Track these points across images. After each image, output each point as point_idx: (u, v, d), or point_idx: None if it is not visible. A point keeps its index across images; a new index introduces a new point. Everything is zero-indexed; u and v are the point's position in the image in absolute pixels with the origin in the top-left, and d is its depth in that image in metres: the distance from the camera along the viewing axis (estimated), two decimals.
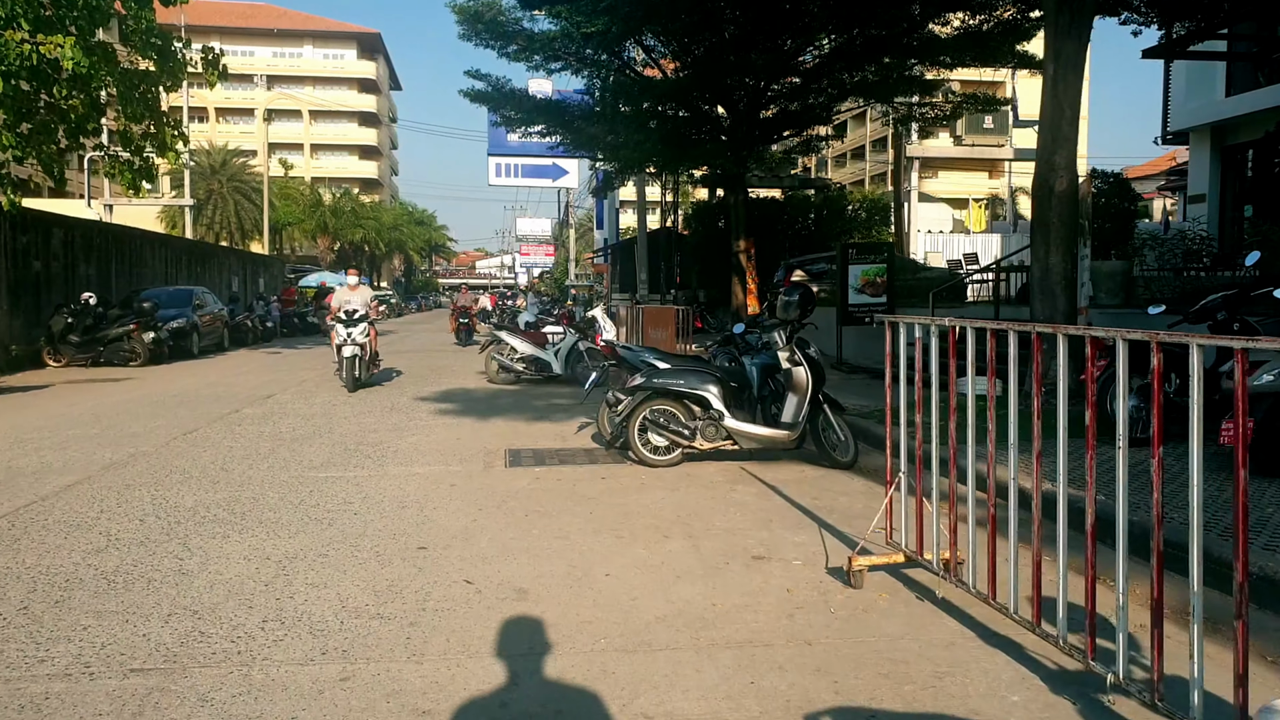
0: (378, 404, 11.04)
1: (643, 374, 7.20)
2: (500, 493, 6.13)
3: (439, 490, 6.21)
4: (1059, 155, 8.51)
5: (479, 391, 12.68)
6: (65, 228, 18.93)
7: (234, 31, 72.68)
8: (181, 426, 9.14)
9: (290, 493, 6.09)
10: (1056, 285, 8.57)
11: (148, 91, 15.56)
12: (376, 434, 8.71)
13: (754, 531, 5.15)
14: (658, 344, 10.54)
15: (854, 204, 28.31)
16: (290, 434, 8.66)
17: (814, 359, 7.14)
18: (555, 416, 10.15)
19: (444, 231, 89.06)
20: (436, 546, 4.83)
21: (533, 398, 12.00)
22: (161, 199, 40.84)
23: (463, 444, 8.19)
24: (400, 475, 6.72)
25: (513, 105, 19.31)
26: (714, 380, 7.10)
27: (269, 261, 39.42)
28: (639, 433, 7.10)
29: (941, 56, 17.63)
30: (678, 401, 7.11)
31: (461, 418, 9.97)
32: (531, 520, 5.39)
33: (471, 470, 6.95)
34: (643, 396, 7.14)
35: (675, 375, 7.13)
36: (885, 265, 14.75)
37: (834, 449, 7.19)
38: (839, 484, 6.59)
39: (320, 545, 4.85)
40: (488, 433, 8.92)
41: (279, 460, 7.28)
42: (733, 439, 7.06)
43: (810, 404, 7.06)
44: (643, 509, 5.69)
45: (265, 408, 10.70)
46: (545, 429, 9.19)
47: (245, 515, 5.48)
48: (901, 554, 4.25)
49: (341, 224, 58.33)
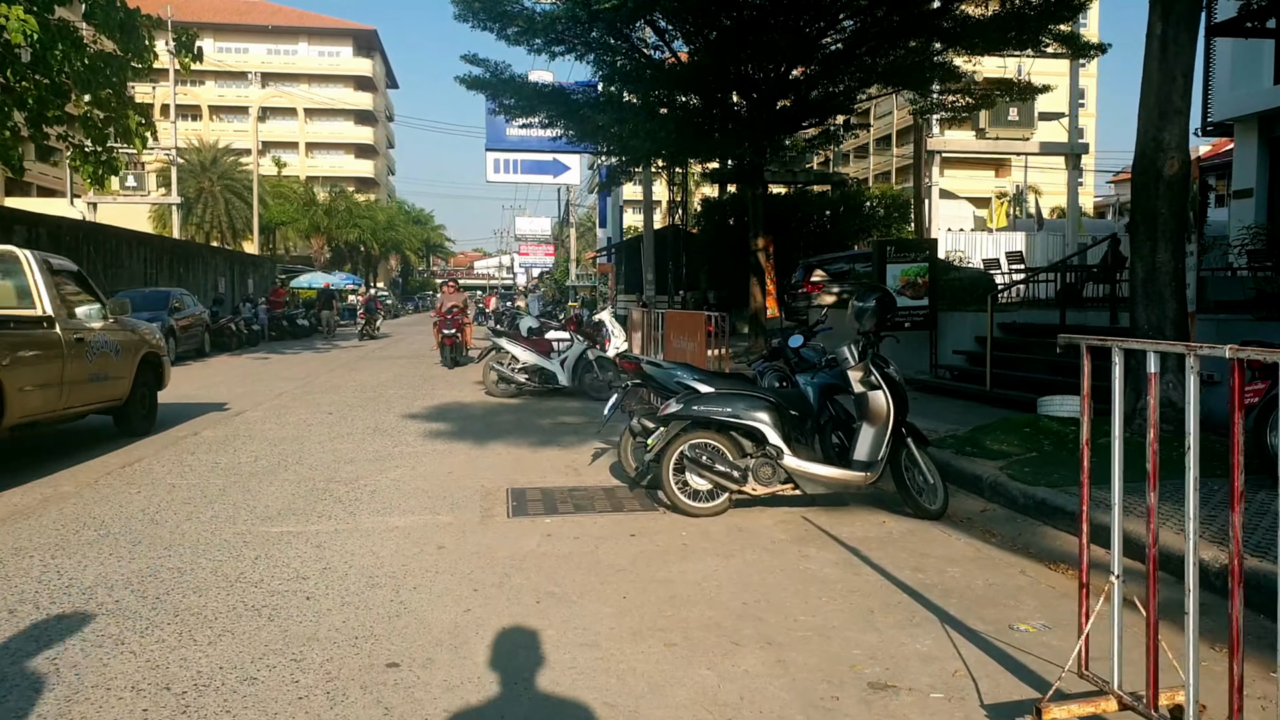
0: (360, 425, 9.60)
1: (679, 399, 5.77)
2: (502, 560, 4.70)
3: (422, 556, 4.77)
4: (1168, 133, 7.08)
5: (476, 407, 11.25)
6: (28, 224, 17.49)
7: (228, 28, 71.33)
8: (121, 456, 7.69)
9: (229, 560, 4.65)
10: (1165, 287, 7.14)
11: (112, 75, 14.12)
12: (353, 466, 7.27)
13: (855, 632, 3.72)
14: (683, 356, 9.08)
15: (872, 200, 26.92)
16: (250, 466, 7.21)
17: (895, 380, 5.71)
18: (564, 439, 8.72)
19: (441, 231, 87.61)
20: (413, 663, 3.40)
21: (537, 414, 10.57)
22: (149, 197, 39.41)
23: (455, 480, 6.75)
24: (374, 530, 5.28)
25: (512, 92, 17.85)
26: (769, 408, 5.67)
27: (259, 262, 37.98)
28: (674, 473, 5.68)
29: (975, 40, 16.20)
30: (723, 435, 5.68)
31: (455, 442, 8.53)
32: (545, 611, 3.96)
33: (465, 522, 5.51)
34: (680, 428, 5.72)
35: (720, 401, 5.69)
36: (927, 264, 13.32)
37: (920, 493, 5.76)
38: (938, 544, 5.15)
39: (248, 661, 3.42)
40: (486, 463, 7.48)
41: (227, 507, 5.84)
42: (794, 482, 5.63)
43: (892, 437, 5.64)
44: (693, 590, 4.26)
45: (229, 428, 9.26)
46: (553, 457, 7.75)
47: (158, 602, 4.04)
48: (1113, 698, 2.81)
49: (336, 223, 56.85)
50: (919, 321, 13.46)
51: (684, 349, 9.30)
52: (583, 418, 10.28)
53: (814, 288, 20.20)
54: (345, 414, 10.41)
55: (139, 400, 8.87)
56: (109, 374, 8.24)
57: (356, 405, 11.23)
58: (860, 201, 26.57)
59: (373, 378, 14.95)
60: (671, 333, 10.25)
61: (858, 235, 26.23)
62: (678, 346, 9.68)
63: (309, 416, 10.19)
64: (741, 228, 23.94)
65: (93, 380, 7.97)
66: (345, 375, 15.48)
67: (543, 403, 11.70)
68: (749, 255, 18.12)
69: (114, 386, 8.37)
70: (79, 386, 7.70)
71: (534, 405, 11.44)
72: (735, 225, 25.00)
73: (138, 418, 8.85)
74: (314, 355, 20.66)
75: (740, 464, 5.60)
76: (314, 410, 10.72)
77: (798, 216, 25.27)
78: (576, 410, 10.95)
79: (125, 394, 8.58)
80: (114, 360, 8.32)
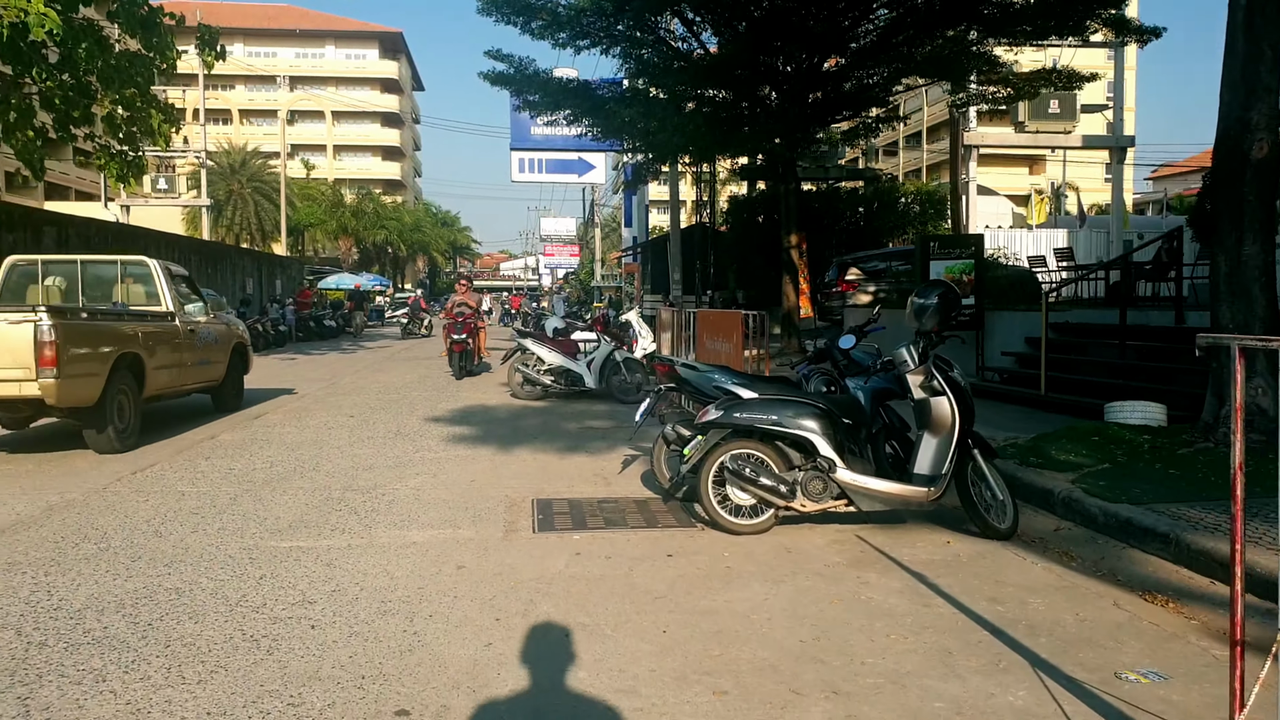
0: (381, 428, 9.21)
1: (718, 405, 5.28)
2: (527, 583, 4.24)
3: (440, 577, 4.33)
4: (1256, 112, 6.49)
5: (501, 409, 10.84)
6: (58, 225, 17.32)
7: (257, 33, 71.85)
8: (135, 460, 7.35)
9: (231, 580, 4.24)
10: (1253, 282, 6.55)
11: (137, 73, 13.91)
12: (372, 473, 6.87)
13: (935, 680, 3.22)
14: (717, 358, 8.58)
15: (907, 196, 26.22)
16: (265, 473, 6.83)
17: (959, 385, 5.20)
18: (592, 445, 8.27)
19: (468, 233, 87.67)
20: (425, 711, 2.95)
21: (563, 418, 10.13)
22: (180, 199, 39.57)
23: (478, 489, 6.32)
24: (390, 546, 4.85)
25: (536, 88, 17.47)
26: (819, 415, 5.17)
27: (287, 263, 37.96)
28: (714, 486, 5.20)
29: (1018, 27, 15.55)
30: (768, 445, 5.19)
31: (479, 447, 8.11)
32: (576, 647, 3.50)
33: (488, 537, 5.07)
34: (720, 437, 5.24)
35: (765, 408, 5.20)
36: (973, 261, 12.73)
37: (987, 510, 5.23)
38: (1013, 569, 4.63)
39: (239, 705, 2.99)
40: (510, 470, 7.05)
41: (236, 518, 5.44)
42: (847, 497, 5.13)
43: (957, 448, 5.12)
44: (742, 623, 3.78)
45: (248, 432, 8.91)
46: (581, 465, 7.30)
47: (149, 630, 3.63)
48: None
49: (363, 225, 56.92)
50: (965, 321, 12.83)
51: (718, 350, 8.78)
52: (610, 421, 9.83)
53: (848, 286, 19.61)
54: (367, 417, 10.03)
55: (231, 382, 10.61)
56: (210, 359, 9.91)
57: (379, 408, 10.86)
58: (895, 198, 25.89)
59: (397, 379, 14.62)
60: (704, 333, 9.72)
61: (892, 233, 25.58)
62: (711, 348, 9.16)
63: (330, 419, 9.83)
64: (771, 226, 23.40)
65: (199, 364, 9.62)
66: (370, 376, 15.16)
67: (569, 405, 11.27)
68: (781, 253, 17.60)
69: (214, 370, 10.05)
70: (190, 369, 9.41)
71: (560, 408, 11.01)
72: (764, 223, 24.45)
73: (230, 396, 10.58)
74: (340, 356, 20.41)
75: (788, 477, 5.11)
76: (335, 413, 10.36)
77: (830, 214, 24.67)
78: (604, 414, 10.50)
79: (221, 376, 10.27)
80: (214, 348, 9.97)
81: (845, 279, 19.75)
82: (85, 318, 7.74)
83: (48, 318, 7.01)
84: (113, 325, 8.03)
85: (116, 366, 7.73)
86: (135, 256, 9.69)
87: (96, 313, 8.12)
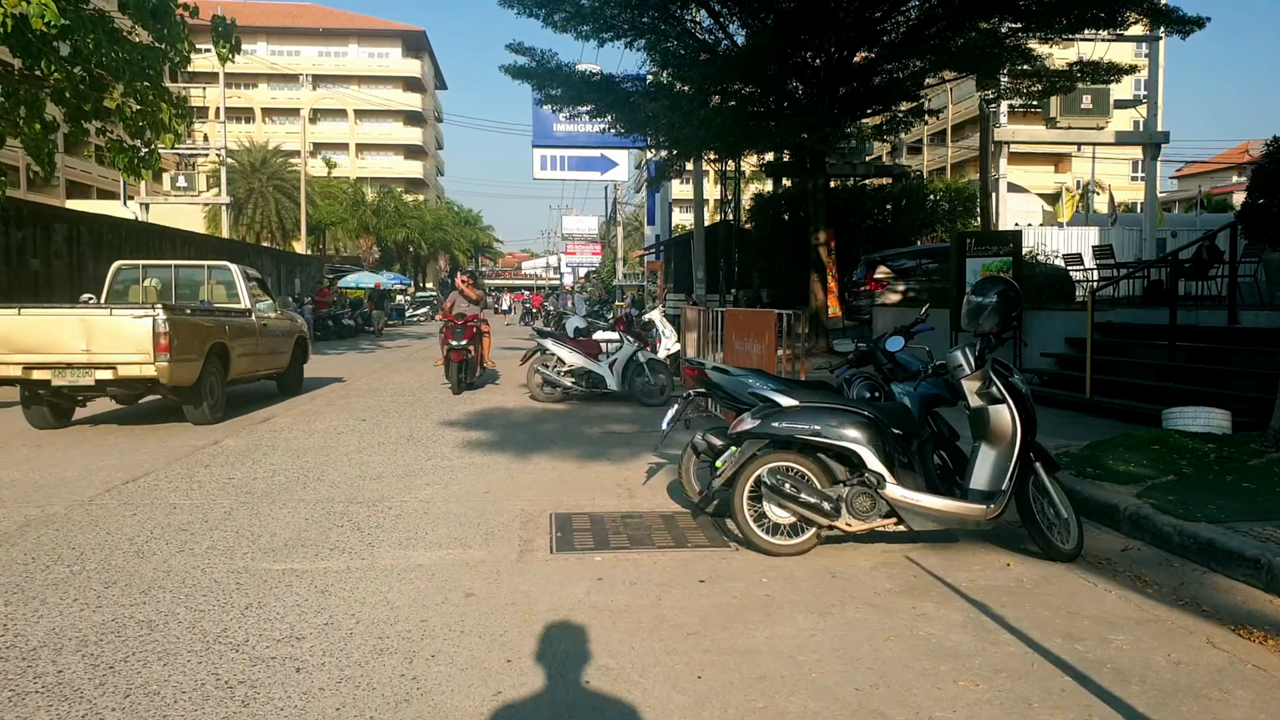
0: (394, 433, 8.81)
1: (754, 414, 4.81)
2: (543, 615, 3.79)
3: (446, 607, 3.89)
4: None
5: (519, 413, 10.41)
6: (69, 222, 17.13)
7: (280, 31, 72.15)
8: (130, 467, 6.97)
9: (213, 610, 3.82)
10: None
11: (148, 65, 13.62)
12: (379, 483, 6.45)
13: None
14: (748, 360, 8.09)
15: (935, 194, 25.56)
16: (266, 483, 6.44)
17: (1020, 392, 4.69)
18: (614, 452, 7.82)
19: (490, 232, 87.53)
20: None
21: (584, 422, 9.69)
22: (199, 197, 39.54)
23: (493, 501, 5.89)
24: (393, 569, 4.42)
25: (559, 82, 17.02)
26: (866, 425, 4.68)
27: (306, 261, 37.86)
28: (750, 502, 4.73)
29: (1055, 18, 14.91)
30: (810, 457, 4.71)
31: (494, 454, 7.68)
32: (598, 697, 3.04)
33: (501, 558, 4.63)
34: (756, 448, 4.76)
35: (806, 417, 4.71)
36: (1011, 259, 12.17)
37: (1050, 528, 4.73)
38: (1085, 598, 4.13)
39: None
40: (527, 480, 6.61)
41: (228, 535, 5.03)
42: (897, 515, 4.64)
43: (1018, 461, 4.62)
44: (787, 666, 3.31)
45: (254, 437, 8.53)
46: (603, 474, 6.85)
47: (110, 673, 3.21)
48: None
49: (384, 223, 56.82)
50: None
51: (748, 352, 8.28)
52: (633, 425, 9.37)
53: (877, 285, 19.06)
54: (379, 420, 9.64)
55: (294, 370, 12.06)
56: (278, 350, 11.36)
57: (392, 410, 10.47)
58: (923, 195, 25.22)
59: (414, 379, 14.25)
60: (732, 334, 9.19)
61: (920, 231, 24.92)
62: (740, 349, 8.65)
63: (340, 423, 9.44)
64: (797, 223, 22.85)
65: (270, 354, 11.08)
66: (386, 377, 14.80)
67: (590, 408, 10.83)
68: (809, 251, 17.07)
69: (280, 359, 11.50)
70: (263, 357, 10.85)
71: (581, 411, 10.57)
72: (790, 221, 23.90)
73: (292, 382, 12.08)
74: (358, 356, 20.10)
75: (831, 493, 4.63)
76: (346, 416, 9.98)
77: (856, 211, 24.05)
78: (627, 417, 10.05)
79: (286, 365, 11.72)
80: (281, 340, 11.44)
81: (874, 278, 19.20)
82: (188, 314, 9.13)
83: (162, 314, 8.43)
84: (206, 320, 9.41)
85: (209, 354, 9.19)
86: (219, 262, 11.49)
87: (195, 309, 9.63)
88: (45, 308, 8.83)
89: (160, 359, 8.36)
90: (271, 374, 11.45)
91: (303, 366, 12.41)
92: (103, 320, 8.44)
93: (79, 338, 8.33)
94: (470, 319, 12.27)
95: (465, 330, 12.11)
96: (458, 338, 11.98)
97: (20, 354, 8.28)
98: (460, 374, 12.08)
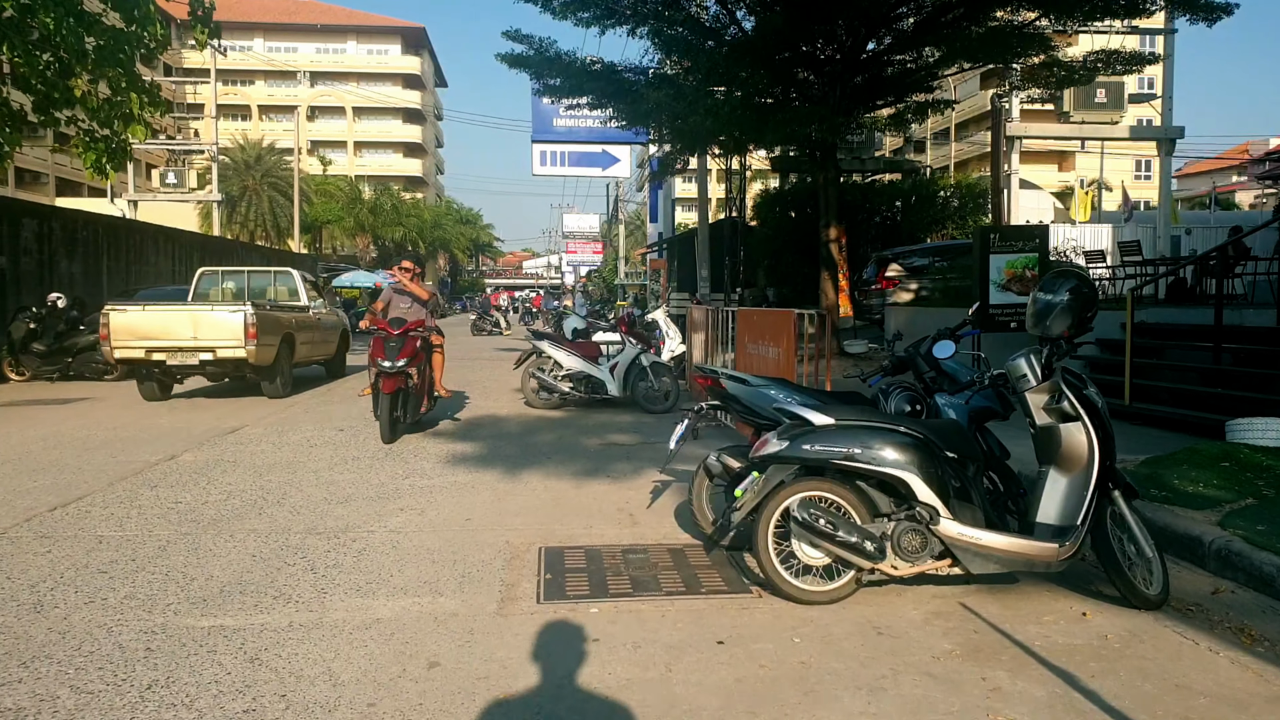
0: (372, 445, 8.04)
1: (782, 434, 4.03)
2: (522, 695, 3.01)
3: (402, 683, 3.11)
4: None
5: (511, 421, 9.64)
6: (39, 218, 16.34)
7: (277, 28, 71.45)
8: (66, 489, 6.19)
9: (107, 690, 3.04)
10: None
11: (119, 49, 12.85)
12: (346, 508, 5.68)
13: None
14: (764, 367, 7.30)
15: (946, 190, 24.80)
16: (217, 508, 5.66)
17: (1096, 406, 3.92)
18: (615, 467, 7.05)
19: (490, 231, 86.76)
20: None
21: (582, 431, 8.92)
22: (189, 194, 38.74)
23: (473, 532, 5.11)
24: (344, 626, 3.64)
25: (558, 71, 16.20)
26: (915, 447, 3.90)
27: (299, 259, 37.04)
28: (776, 539, 3.95)
29: (1074, 6, 14.13)
30: (848, 486, 3.94)
31: (481, 470, 6.91)
32: None
33: (476, 610, 3.85)
34: (784, 475, 3.99)
35: (844, 438, 3.93)
36: (1037, 255, 11.37)
37: (1130, 567, 3.95)
38: (1190, 662, 3.35)
39: None
40: (515, 503, 5.84)
41: (155, 577, 4.25)
42: (952, 555, 3.87)
43: (1096, 489, 3.85)
44: None
45: (216, 450, 7.76)
46: (602, 495, 6.08)
47: None
48: None
49: (380, 222, 56.02)
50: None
51: (763, 356, 7.48)
52: (636, 436, 8.60)
53: (889, 284, 18.29)
54: (358, 430, 8.87)
55: (339, 357, 14.33)
56: (328, 340, 13.59)
57: (374, 419, 9.68)
58: (933, 192, 24.44)
59: None
60: (745, 336, 8.36)
61: (930, 228, 24.14)
62: (754, 353, 7.84)
63: (315, 434, 8.67)
64: (804, 220, 22.08)
65: (323, 343, 13.26)
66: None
67: (589, 416, 10.06)
68: (819, 248, 16.28)
69: (330, 347, 13.79)
70: (317, 345, 12.99)
71: (579, 419, 9.80)
72: (797, 218, 23.13)
73: (337, 368, 14.30)
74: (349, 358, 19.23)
75: (874, 529, 3.86)
76: (323, 426, 9.21)
77: (865, 208, 23.27)
78: (628, 426, 9.28)
79: (334, 353, 14.02)
80: (330, 332, 13.71)
81: (885, 276, 18.43)
82: (268, 309, 11.24)
83: (251, 309, 10.65)
84: (278, 314, 11.56)
85: (282, 341, 11.30)
86: (284, 269, 14.01)
87: (271, 306, 11.78)
88: (163, 305, 11.42)
89: (249, 344, 10.58)
90: (323, 360, 13.67)
91: (345, 355, 14.65)
92: (206, 314, 10.82)
93: (188, 327, 10.64)
94: (411, 326, 8.37)
95: (404, 346, 8.13)
96: (390, 356, 8.03)
97: (142, 340, 10.58)
98: (396, 410, 8.20)
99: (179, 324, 10.63)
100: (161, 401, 11.02)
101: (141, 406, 10.74)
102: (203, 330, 10.60)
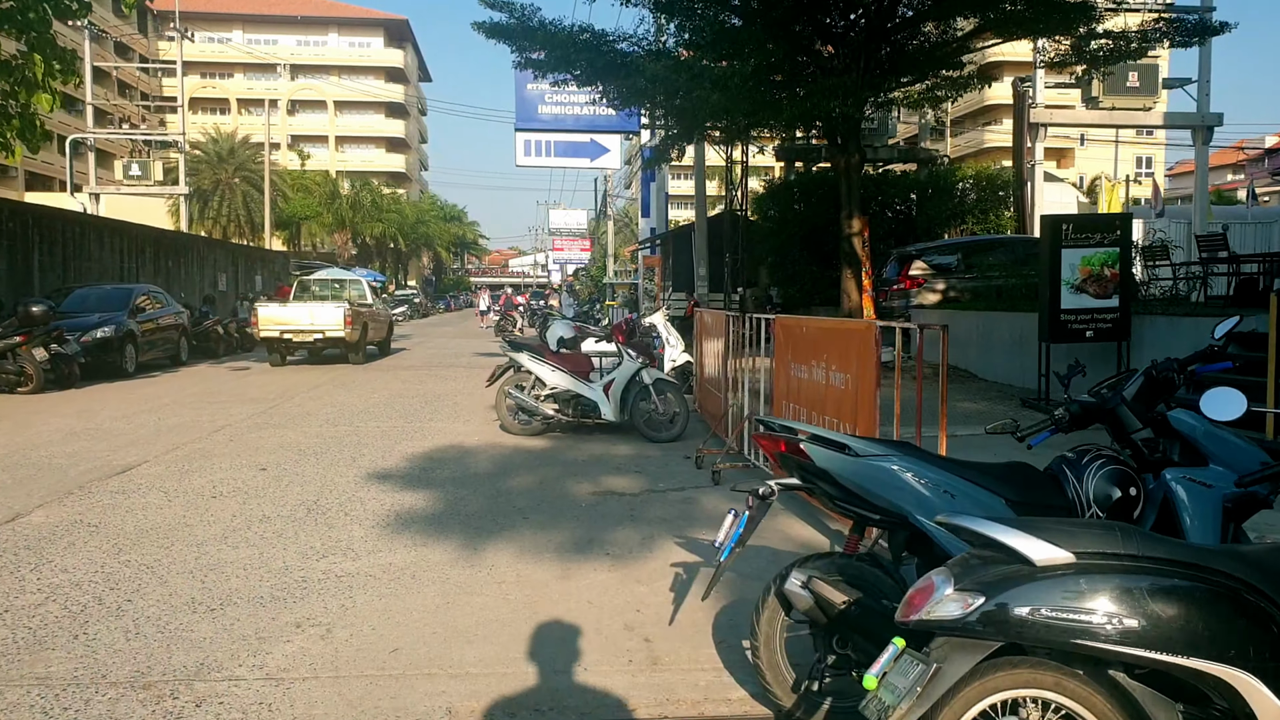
0: (294, 495, 6.06)
1: (965, 579, 2.06)
2: None
3: None
4: None
5: (481, 455, 7.68)
6: None
7: (257, 20, 69.28)
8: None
9: None
10: None
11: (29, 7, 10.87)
12: (214, 623, 3.71)
13: None
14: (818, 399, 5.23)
15: (965, 181, 22.94)
16: (14, 624, 3.68)
17: None
18: (615, 536, 5.11)
19: (475, 228, 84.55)
20: None
21: (570, 471, 6.98)
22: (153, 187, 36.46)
23: (397, 677, 3.17)
24: None
25: (541, 41, 14.24)
26: (1233, 606, 1.97)
27: (270, 256, 34.97)
28: None
29: None
30: (1095, 677, 2.01)
31: (429, 543, 4.96)
32: None
33: None
34: (972, 660, 2.05)
35: (1111, 594, 1.99)
36: (1118, 249, 9.51)
37: None
38: None
39: None
40: (469, 613, 3.90)
41: None
42: None
43: None
44: None
45: (83, 505, 5.76)
46: (598, 593, 4.15)
47: None
48: None
49: (360, 218, 53.81)
50: (1106, 330, 9.65)
51: (815, 384, 5.41)
52: (639, 479, 6.67)
53: (912, 283, 16.38)
54: (285, 470, 6.89)
55: (386, 341, 19.11)
56: (382, 328, 18.55)
57: (310, 452, 7.71)
58: (951, 183, 22.57)
59: (360, 399, 11.46)
60: (790, 354, 6.08)
61: (948, 222, 22.24)
62: (804, 379, 5.70)
63: (227, 475, 6.68)
64: (813, 213, 20.20)
65: (380, 329, 18.25)
66: (329, 395, 12.01)
67: (579, 446, 8.11)
68: (837, 243, 14.45)
69: (383, 333, 18.67)
70: (377, 331, 17.96)
71: (566, 451, 7.85)
72: (804, 210, 21.21)
73: (385, 347, 18.96)
74: (309, 367, 17.21)
75: None
76: (242, 462, 7.22)
77: (878, 200, 21.39)
78: (628, 462, 7.34)
79: (384, 337, 18.87)
80: (383, 322, 18.88)
81: (908, 274, 16.52)
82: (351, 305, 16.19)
83: (347, 304, 16.13)
84: (357, 308, 16.33)
85: (360, 326, 16.16)
86: (354, 276, 19.68)
87: (354, 302, 16.65)
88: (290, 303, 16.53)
89: (347, 328, 15.62)
90: (376, 341, 18.03)
91: (390, 339, 19.64)
92: (319, 307, 15.94)
93: (308, 316, 15.73)
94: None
95: None
96: None
97: (278, 325, 15.62)
98: None
99: (301, 314, 15.83)
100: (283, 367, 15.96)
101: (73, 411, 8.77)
102: (317, 318, 15.72)
